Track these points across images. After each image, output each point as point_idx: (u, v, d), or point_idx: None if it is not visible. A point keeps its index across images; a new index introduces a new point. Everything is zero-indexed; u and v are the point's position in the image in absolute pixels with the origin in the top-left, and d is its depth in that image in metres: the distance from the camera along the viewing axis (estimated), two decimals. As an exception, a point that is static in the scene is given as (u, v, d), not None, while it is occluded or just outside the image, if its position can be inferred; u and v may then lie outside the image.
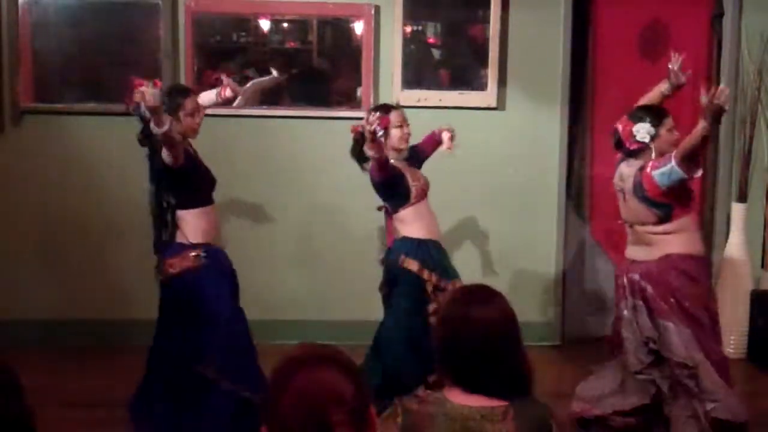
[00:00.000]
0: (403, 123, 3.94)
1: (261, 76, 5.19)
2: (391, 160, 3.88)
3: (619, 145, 3.68)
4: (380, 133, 3.67)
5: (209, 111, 5.09)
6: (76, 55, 5.07)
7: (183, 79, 5.07)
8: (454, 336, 2.01)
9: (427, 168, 4.25)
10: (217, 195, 5.12)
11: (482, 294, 2.06)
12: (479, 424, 1.94)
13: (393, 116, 3.92)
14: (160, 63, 5.02)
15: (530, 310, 5.14)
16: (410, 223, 3.94)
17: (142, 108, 3.45)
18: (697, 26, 5.28)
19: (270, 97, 5.19)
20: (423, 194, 3.96)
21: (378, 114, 3.83)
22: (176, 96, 3.70)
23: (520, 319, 2.03)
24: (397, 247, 3.94)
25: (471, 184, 5.23)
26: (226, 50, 5.21)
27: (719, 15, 5.25)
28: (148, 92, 3.32)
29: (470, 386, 1.98)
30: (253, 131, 5.13)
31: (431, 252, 3.92)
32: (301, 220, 5.24)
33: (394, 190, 3.90)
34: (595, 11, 5.25)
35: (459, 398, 1.98)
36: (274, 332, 5.15)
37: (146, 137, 3.59)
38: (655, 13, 5.26)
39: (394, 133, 3.89)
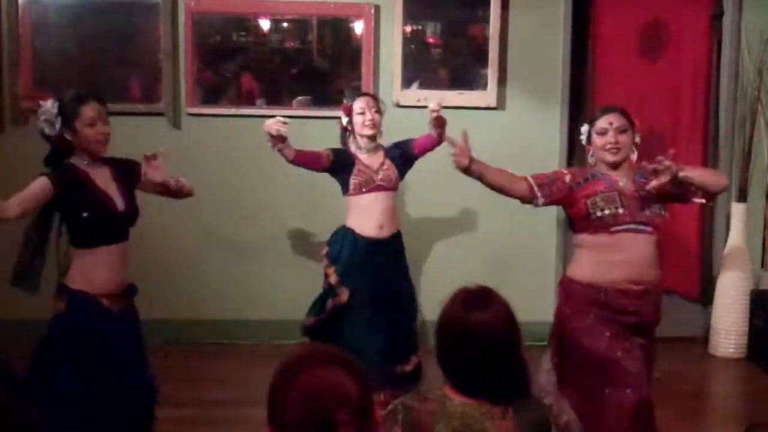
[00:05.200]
0: (367, 109, 3.93)
1: (260, 75, 5.19)
2: (354, 148, 3.97)
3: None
4: (345, 120, 3.96)
5: (209, 111, 5.14)
6: (76, 54, 5.07)
7: (183, 79, 5.07)
8: (452, 340, 1.99)
9: (427, 167, 4.24)
10: (218, 195, 5.19)
11: (481, 297, 2.01)
12: (479, 421, 1.94)
13: (357, 103, 3.97)
14: (160, 63, 5.03)
15: (530, 310, 5.01)
16: (349, 213, 3.97)
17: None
18: (697, 26, 5.28)
19: (270, 96, 5.19)
20: (367, 187, 3.92)
21: (345, 103, 4.05)
22: (71, 104, 3.06)
23: (520, 319, 2.01)
24: (332, 234, 4.03)
25: (470, 184, 5.20)
26: (226, 50, 5.20)
27: (719, 15, 5.25)
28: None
29: (470, 392, 1.97)
30: (253, 131, 5.12)
31: (359, 249, 3.89)
32: (301, 219, 5.24)
33: (335, 177, 3.99)
34: (595, 11, 5.25)
35: (459, 396, 1.98)
36: (274, 332, 5.16)
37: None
38: (655, 13, 5.26)
39: (357, 119, 3.94)
